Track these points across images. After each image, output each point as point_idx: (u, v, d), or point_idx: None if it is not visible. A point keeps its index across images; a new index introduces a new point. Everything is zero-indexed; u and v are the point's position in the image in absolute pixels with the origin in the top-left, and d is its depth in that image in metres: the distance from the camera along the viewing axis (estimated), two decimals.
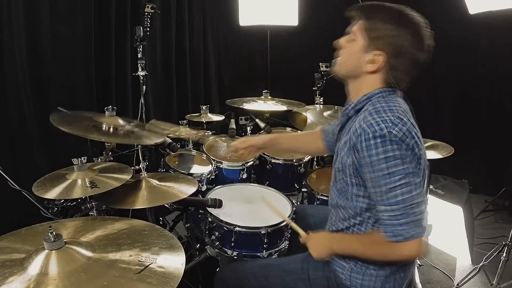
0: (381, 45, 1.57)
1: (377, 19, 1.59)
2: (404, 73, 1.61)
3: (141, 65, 3.27)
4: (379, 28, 1.57)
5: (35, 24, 3.13)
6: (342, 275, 1.75)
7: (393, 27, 1.55)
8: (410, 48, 1.55)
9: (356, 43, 1.64)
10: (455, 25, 4.34)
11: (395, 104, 1.58)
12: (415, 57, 1.57)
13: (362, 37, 1.61)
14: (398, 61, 1.58)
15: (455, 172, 3.83)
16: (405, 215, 1.48)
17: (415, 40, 1.55)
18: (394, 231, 1.50)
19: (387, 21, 1.57)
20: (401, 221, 1.48)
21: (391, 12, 1.59)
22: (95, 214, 2.11)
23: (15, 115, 3.05)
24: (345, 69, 1.71)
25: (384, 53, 1.57)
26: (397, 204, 1.48)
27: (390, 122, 1.47)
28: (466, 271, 3.23)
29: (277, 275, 1.87)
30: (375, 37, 1.58)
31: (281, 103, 3.67)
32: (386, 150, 1.45)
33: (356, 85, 1.71)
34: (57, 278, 1.21)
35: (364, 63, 1.62)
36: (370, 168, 1.50)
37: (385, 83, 1.63)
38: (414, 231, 1.49)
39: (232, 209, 2.45)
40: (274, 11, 4.60)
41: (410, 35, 1.55)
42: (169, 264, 1.32)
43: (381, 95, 1.63)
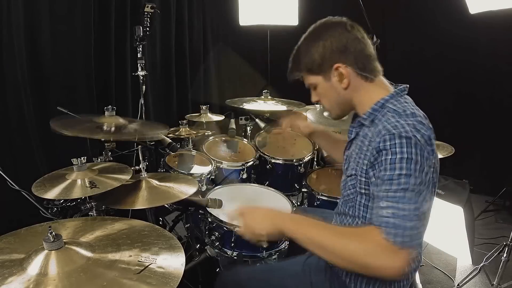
0: (328, 63, 1.62)
1: (304, 59, 1.67)
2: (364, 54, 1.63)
3: (140, 65, 3.27)
4: (312, 59, 1.63)
5: (35, 23, 3.13)
6: (345, 278, 1.72)
7: (316, 46, 1.62)
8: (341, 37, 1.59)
9: (319, 85, 1.70)
10: (456, 24, 4.34)
11: (412, 106, 1.58)
12: (351, 36, 1.60)
13: (315, 78, 1.68)
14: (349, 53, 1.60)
15: (456, 172, 3.81)
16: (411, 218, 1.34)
17: (334, 30, 1.61)
18: (397, 232, 1.33)
19: (307, 48, 1.65)
20: (408, 224, 1.34)
21: (302, 43, 1.69)
22: (94, 214, 2.10)
23: (14, 115, 3.04)
24: (336, 106, 1.75)
25: (337, 63, 1.60)
26: (404, 203, 1.36)
27: (413, 127, 1.44)
28: (466, 271, 3.24)
29: (279, 279, 1.86)
30: (318, 65, 1.63)
31: (281, 103, 3.67)
32: (411, 151, 1.39)
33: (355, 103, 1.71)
34: (57, 278, 1.20)
35: (338, 86, 1.65)
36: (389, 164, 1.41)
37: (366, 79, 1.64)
38: (413, 242, 1.35)
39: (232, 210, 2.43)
40: (274, 10, 4.60)
41: (328, 32, 1.61)
42: (169, 265, 1.31)
43: (395, 99, 1.60)
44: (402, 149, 1.39)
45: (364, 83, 1.64)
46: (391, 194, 1.39)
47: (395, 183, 1.38)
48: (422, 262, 3.35)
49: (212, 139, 3.41)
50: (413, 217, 1.35)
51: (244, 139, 3.50)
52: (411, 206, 1.35)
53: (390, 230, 1.34)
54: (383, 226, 1.36)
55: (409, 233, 1.33)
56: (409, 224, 1.34)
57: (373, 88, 1.65)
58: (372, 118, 1.62)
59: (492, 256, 3.03)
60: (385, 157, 1.42)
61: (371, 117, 1.63)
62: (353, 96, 1.67)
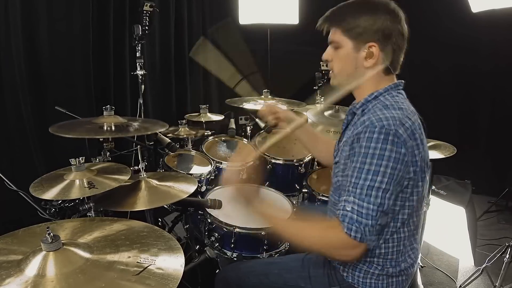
0: (368, 37, 1.59)
1: (348, 18, 1.61)
2: (399, 51, 1.64)
3: (139, 64, 3.25)
4: (357, 24, 1.59)
5: (33, 22, 3.13)
6: (343, 272, 1.75)
7: (367, 17, 1.58)
8: (392, 24, 1.58)
9: (344, 48, 1.66)
10: (458, 23, 4.33)
11: (402, 102, 1.60)
12: (400, 30, 1.60)
13: (346, 41, 1.64)
14: (390, 42, 1.60)
15: (458, 173, 3.81)
16: (372, 217, 1.45)
17: (392, 16, 1.59)
18: (358, 228, 1.44)
19: (359, 14, 1.60)
20: (365, 221, 1.45)
21: (357, 5, 1.63)
22: (93, 215, 2.08)
23: (12, 115, 3.04)
24: (345, 75, 1.71)
25: (375, 43, 1.59)
26: (368, 202, 1.44)
27: (398, 120, 1.46)
28: (468, 272, 3.23)
29: (278, 273, 1.87)
30: (358, 33, 1.60)
31: (282, 102, 3.64)
32: (385, 148, 1.43)
33: (360, 85, 1.70)
34: (55, 279, 1.19)
35: (361, 61, 1.63)
36: (360, 157, 1.47)
37: (385, 70, 1.65)
38: (371, 236, 1.47)
39: (232, 210, 2.42)
40: (275, 9, 4.60)
41: (386, 13, 1.58)
42: (168, 266, 1.30)
43: (388, 92, 1.63)
44: (377, 144, 1.44)
45: (381, 73, 1.65)
46: (358, 190, 1.47)
47: (362, 178, 1.46)
48: (424, 263, 3.35)
49: (212, 139, 3.39)
50: (375, 214, 1.44)
51: (244, 139, 3.48)
52: (374, 203, 1.44)
53: (350, 226, 1.46)
54: (345, 221, 1.47)
55: (368, 229, 1.45)
56: (370, 221, 1.44)
57: (383, 80, 1.66)
58: (363, 108, 1.66)
59: (495, 257, 3.02)
60: (359, 148, 1.48)
61: (362, 107, 1.66)
62: (364, 78, 1.67)
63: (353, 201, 1.47)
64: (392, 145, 1.43)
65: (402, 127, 1.45)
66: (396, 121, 1.46)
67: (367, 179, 1.45)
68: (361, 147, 1.48)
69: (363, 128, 1.49)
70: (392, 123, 1.45)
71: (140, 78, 3.29)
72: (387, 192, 1.45)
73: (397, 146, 1.43)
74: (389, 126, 1.44)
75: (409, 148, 1.46)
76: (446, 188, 3.39)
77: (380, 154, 1.43)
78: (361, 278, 1.69)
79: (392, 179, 1.44)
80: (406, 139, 1.44)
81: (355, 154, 1.50)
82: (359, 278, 1.70)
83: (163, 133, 2.79)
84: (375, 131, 1.45)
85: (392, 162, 1.43)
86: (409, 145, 1.45)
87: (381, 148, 1.43)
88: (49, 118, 3.15)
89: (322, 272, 1.80)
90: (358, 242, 1.45)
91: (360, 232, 1.45)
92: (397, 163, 1.44)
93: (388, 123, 1.45)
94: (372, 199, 1.44)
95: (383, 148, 1.43)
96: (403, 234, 1.64)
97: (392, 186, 1.45)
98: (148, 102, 4.17)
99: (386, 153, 1.43)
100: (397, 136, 1.43)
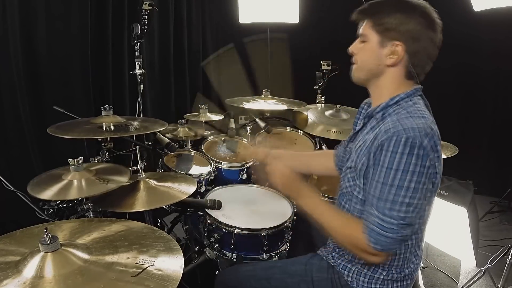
0: (395, 35, 1.56)
1: (382, 13, 1.59)
2: (426, 58, 1.60)
3: (138, 63, 3.24)
4: (388, 20, 1.56)
5: (30, 21, 3.12)
6: (347, 277, 1.73)
7: (400, 15, 1.55)
8: (424, 29, 1.54)
9: (370, 42, 1.63)
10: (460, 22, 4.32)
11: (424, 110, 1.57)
12: (432, 37, 1.57)
13: (373, 34, 1.61)
14: (418, 46, 1.56)
15: (460, 173, 3.78)
16: (395, 231, 1.47)
17: (427, 21, 1.55)
18: (379, 240, 1.49)
19: (393, 11, 1.57)
20: (388, 235, 1.48)
21: (394, 2, 1.60)
22: (91, 216, 2.07)
23: (10, 115, 3.04)
24: (366, 70, 1.68)
25: (401, 42, 1.56)
26: (392, 217, 1.46)
27: (423, 130, 1.43)
28: (470, 273, 3.22)
29: (280, 278, 1.85)
30: (386, 29, 1.57)
31: (282, 102, 3.63)
32: (410, 162, 1.41)
33: (379, 84, 1.68)
34: (53, 281, 1.19)
35: (384, 58, 1.60)
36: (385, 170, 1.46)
37: (407, 74, 1.62)
38: (393, 246, 1.52)
39: (232, 211, 2.41)
40: (275, 8, 4.59)
41: (420, 17, 1.54)
42: (167, 267, 1.30)
43: (410, 98, 1.60)
44: (401, 159, 1.43)
45: (402, 76, 1.63)
46: (381, 204, 1.48)
47: (386, 191, 1.46)
48: (426, 264, 3.34)
49: (211, 139, 3.37)
50: (397, 228, 1.47)
51: (244, 139, 3.46)
52: (397, 218, 1.46)
53: (371, 238, 1.50)
54: (367, 233, 1.51)
55: (389, 241, 1.49)
56: (391, 235, 1.48)
57: (403, 84, 1.64)
58: (384, 112, 1.62)
59: (497, 258, 3.04)
60: (383, 160, 1.46)
61: (383, 111, 1.62)
62: (384, 76, 1.65)
63: (376, 215, 1.49)
64: (417, 159, 1.41)
65: (427, 138, 1.43)
66: (422, 132, 1.43)
67: (390, 193, 1.45)
68: (385, 158, 1.46)
69: (387, 137, 1.46)
70: (418, 135, 1.42)
71: (139, 78, 3.27)
72: (411, 206, 1.45)
73: (422, 159, 1.41)
74: (414, 137, 1.41)
75: (431, 161, 1.44)
76: (448, 188, 3.37)
77: (404, 169, 1.42)
78: (366, 283, 1.69)
79: (416, 193, 1.44)
80: (429, 151, 1.42)
81: (379, 166, 1.49)
82: (363, 284, 1.69)
83: (162, 133, 2.77)
84: (401, 142, 1.42)
85: (417, 177, 1.42)
86: (431, 157, 1.44)
87: (406, 163, 1.42)
88: (47, 118, 3.14)
89: (325, 276, 1.79)
90: (379, 252, 1.51)
91: (380, 244, 1.49)
92: (421, 177, 1.43)
93: (414, 135, 1.42)
94: (394, 213, 1.46)
95: (408, 162, 1.41)
96: (411, 242, 1.64)
97: (417, 200, 1.45)
98: (147, 101, 4.17)
99: (410, 168, 1.42)
100: (422, 148, 1.41)
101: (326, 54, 3.69)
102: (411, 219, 1.46)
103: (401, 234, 1.48)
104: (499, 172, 4.78)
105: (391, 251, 1.54)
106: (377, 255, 1.53)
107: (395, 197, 1.44)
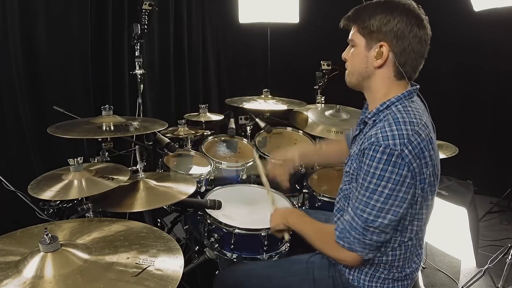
0: (379, 36, 1.57)
1: (365, 16, 1.60)
2: (414, 55, 1.59)
3: (138, 63, 3.24)
4: (371, 22, 1.58)
5: (31, 21, 3.11)
6: (348, 275, 1.75)
7: (382, 15, 1.56)
8: (408, 27, 1.54)
9: (358, 47, 1.65)
10: (460, 22, 4.32)
11: (415, 113, 1.56)
12: (417, 34, 1.56)
13: (360, 38, 1.63)
14: (403, 44, 1.56)
15: (460, 173, 3.78)
16: (360, 233, 1.54)
17: (409, 18, 1.55)
18: (346, 238, 1.58)
19: (375, 12, 1.58)
20: (353, 234, 1.55)
21: (375, 4, 1.61)
22: (91, 216, 2.06)
23: (10, 115, 3.03)
24: (356, 74, 1.69)
25: (386, 42, 1.56)
26: (363, 221, 1.52)
27: (406, 138, 1.45)
28: (470, 273, 3.22)
29: (281, 276, 1.86)
30: (371, 31, 1.59)
31: (282, 102, 3.63)
32: (386, 169, 1.45)
33: (371, 87, 1.68)
34: (53, 281, 1.19)
35: (372, 60, 1.61)
36: (363, 174, 1.52)
37: (397, 74, 1.61)
38: (361, 249, 1.57)
39: (232, 211, 2.41)
40: (275, 8, 4.58)
41: (402, 15, 1.54)
42: (167, 267, 1.30)
43: (400, 102, 1.60)
44: (378, 164, 1.46)
45: (391, 76, 1.62)
46: (355, 204, 1.55)
47: (361, 193, 1.53)
48: (426, 264, 3.34)
49: (211, 139, 3.37)
50: (362, 230, 1.53)
51: (243, 139, 3.45)
52: (366, 221, 1.51)
53: (339, 234, 1.61)
54: (337, 230, 1.63)
55: (357, 241, 1.56)
56: (357, 236, 1.55)
57: (394, 86, 1.63)
58: (375, 118, 1.64)
59: (497, 258, 3.04)
60: (363, 165, 1.53)
61: (374, 117, 1.64)
62: (374, 79, 1.65)
63: (350, 213, 1.58)
64: (394, 167, 1.44)
65: (410, 146, 1.44)
66: (404, 139, 1.44)
67: (364, 196, 1.51)
68: (364, 164, 1.51)
69: (368, 144, 1.50)
70: (398, 142, 1.44)
71: (139, 78, 3.27)
72: (381, 212, 1.49)
73: (399, 167, 1.44)
74: (394, 146, 1.43)
75: (415, 169, 1.45)
76: (448, 188, 3.36)
77: (380, 175, 1.46)
78: (367, 282, 1.70)
79: (389, 199, 1.47)
80: (411, 160, 1.44)
81: (361, 169, 1.55)
82: (364, 282, 1.70)
83: (162, 133, 2.77)
84: (379, 150, 1.45)
85: (391, 184, 1.45)
86: (415, 165, 1.45)
87: (382, 169, 1.45)
88: (47, 117, 3.14)
89: (327, 274, 1.80)
90: (347, 249, 1.59)
91: (348, 242, 1.58)
92: (396, 185, 1.45)
93: (394, 143, 1.44)
94: (364, 216, 1.51)
95: (384, 169, 1.45)
96: (411, 242, 1.65)
97: (389, 206, 1.48)
98: (147, 101, 4.16)
99: (386, 174, 1.45)
100: (402, 157, 1.43)
101: (326, 54, 3.69)
102: (381, 224, 1.50)
103: (368, 238, 1.53)
104: (499, 172, 4.77)
105: (363, 253, 1.57)
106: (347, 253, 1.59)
107: (367, 199, 1.50)
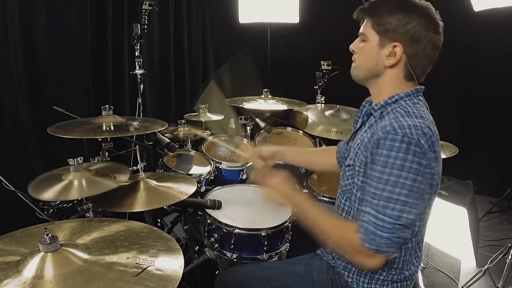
0: (395, 36, 1.54)
1: (382, 12, 1.56)
2: (425, 60, 1.58)
3: (138, 63, 3.24)
4: (388, 21, 1.54)
5: (30, 21, 3.11)
6: (347, 278, 1.73)
7: (401, 16, 1.53)
8: (425, 31, 1.52)
9: (369, 42, 1.61)
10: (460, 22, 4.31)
11: (424, 110, 1.55)
12: (432, 39, 1.54)
13: (373, 34, 1.59)
14: (417, 48, 1.54)
15: (460, 173, 3.78)
16: (390, 231, 1.43)
17: (428, 22, 1.53)
18: (373, 240, 1.44)
19: (394, 11, 1.54)
20: (384, 234, 1.43)
21: (394, 2, 1.57)
22: (91, 216, 2.06)
23: (10, 114, 3.03)
24: (365, 69, 1.66)
25: (400, 44, 1.54)
26: (390, 217, 1.42)
27: (420, 130, 1.41)
28: (470, 273, 3.21)
29: (280, 278, 1.84)
30: (386, 30, 1.55)
31: (282, 102, 3.63)
32: (406, 158, 1.38)
33: (378, 84, 1.66)
34: (53, 281, 1.19)
35: (383, 59, 1.58)
36: (379, 166, 1.43)
37: (407, 75, 1.60)
38: (389, 248, 1.46)
39: (232, 211, 2.41)
40: (275, 8, 4.58)
41: (421, 18, 1.52)
42: (167, 267, 1.30)
43: (410, 98, 1.58)
44: (398, 154, 1.39)
45: (401, 77, 1.61)
46: (375, 201, 1.45)
47: (380, 188, 1.43)
48: (426, 264, 3.33)
49: (211, 139, 3.37)
50: (391, 227, 1.42)
51: (244, 139, 3.45)
52: (391, 216, 1.42)
53: (365, 237, 1.46)
54: (361, 232, 1.48)
55: (385, 241, 1.44)
56: (386, 234, 1.43)
57: (403, 85, 1.61)
58: (382, 110, 1.60)
59: (497, 258, 3.03)
60: (379, 156, 1.44)
61: (381, 109, 1.61)
62: (383, 77, 1.63)
63: (370, 212, 1.46)
64: (414, 156, 1.38)
65: (424, 137, 1.40)
66: (419, 130, 1.40)
67: (385, 190, 1.42)
68: (381, 155, 1.43)
69: (384, 134, 1.44)
70: (414, 132, 1.39)
71: (139, 78, 3.27)
72: (406, 205, 1.41)
73: (419, 156, 1.38)
74: (411, 134, 1.39)
75: (428, 160, 1.41)
76: (448, 188, 3.36)
77: (400, 165, 1.38)
78: (366, 284, 1.68)
79: (411, 191, 1.40)
80: (426, 150, 1.40)
81: (374, 162, 1.46)
82: (363, 284, 1.69)
83: (162, 133, 2.77)
84: (397, 139, 1.39)
85: (413, 174, 1.38)
86: (428, 156, 1.41)
87: (403, 158, 1.38)
88: (47, 117, 3.13)
89: (326, 277, 1.78)
90: (374, 253, 1.46)
91: (375, 244, 1.45)
92: (417, 175, 1.39)
93: (410, 132, 1.39)
94: (389, 211, 1.42)
95: (405, 158, 1.38)
96: (411, 244, 1.62)
97: (412, 199, 1.41)
98: (147, 101, 4.16)
99: (407, 164, 1.38)
100: (419, 146, 1.38)
101: (326, 54, 3.69)
102: (407, 220, 1.42)
103: (397, 235, 1.44)
104: (499, 172, 4.76)
105: (389, 254, 1.48)
106: (373, 257, 1.48)
107: (389, 193, 1.41)
